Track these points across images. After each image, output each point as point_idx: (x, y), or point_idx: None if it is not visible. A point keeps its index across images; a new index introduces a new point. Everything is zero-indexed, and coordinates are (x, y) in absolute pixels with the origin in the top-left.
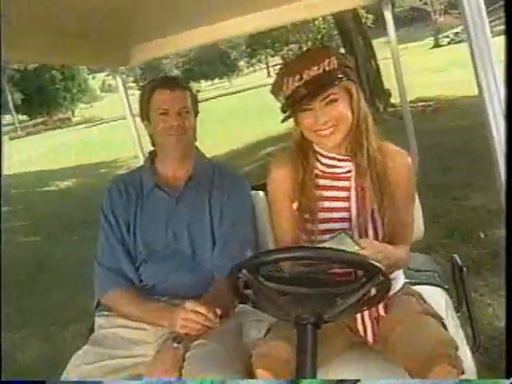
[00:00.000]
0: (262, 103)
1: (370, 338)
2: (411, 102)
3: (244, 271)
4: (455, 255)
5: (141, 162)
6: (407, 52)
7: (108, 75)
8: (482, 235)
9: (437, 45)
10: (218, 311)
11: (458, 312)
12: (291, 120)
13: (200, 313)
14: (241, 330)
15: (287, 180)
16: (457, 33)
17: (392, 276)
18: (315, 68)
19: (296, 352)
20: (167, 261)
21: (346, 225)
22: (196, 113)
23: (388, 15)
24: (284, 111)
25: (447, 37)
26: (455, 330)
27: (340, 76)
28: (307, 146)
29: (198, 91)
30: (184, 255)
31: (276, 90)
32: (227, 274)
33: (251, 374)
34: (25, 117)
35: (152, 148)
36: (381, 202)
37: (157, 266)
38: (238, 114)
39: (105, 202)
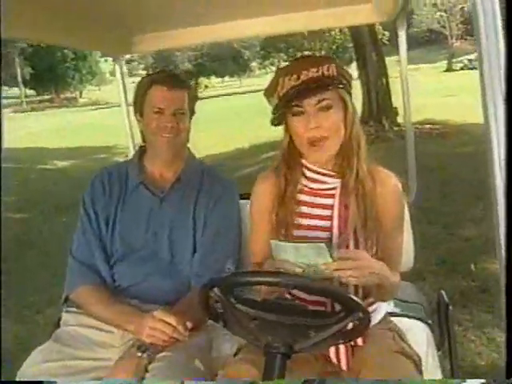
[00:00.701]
0: (269, 107)
1: (343, 366)
2: (418, 123)
3: (216, 290)
4: (442, 291)
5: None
6: (419, 73)
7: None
8: (473, 268)
9: (450, 69)
10: (189, 324)
11: (439, 350)
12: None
13: (169, 323)
14: (210, 346)
15: (269, 193)
16: (471, 59)
17: (373, 307)
18: (314, 70)
19: (262, 379)
20: (144, 263)
21: None
22: (192, 113)
23: (402, 34)
24: (275, 113)
25: (461, 62)
26: (434, 369)
27: (338, 82)
28: (294, 158)
29: (207, 87)
30: (162, 259)
31: (270, 90)
32: (199, 290)
33: None
34: (32, 92)
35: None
36: (364, 223)
37: (132, 267)
38: (245, 114)
39: (86, 194)
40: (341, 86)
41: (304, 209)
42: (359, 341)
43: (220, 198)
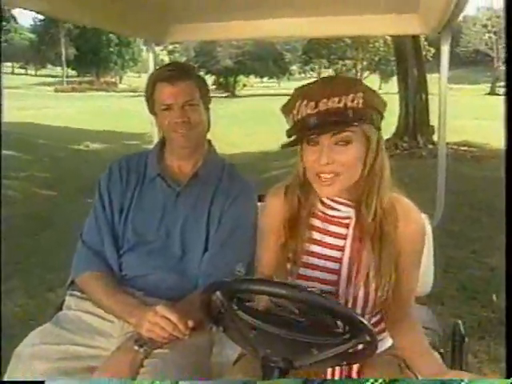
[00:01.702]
0: None
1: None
2: (455, 144)
3: (218, 294)
4: (459, 321)
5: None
6: (461, 93)
7: (162, 50)
8: (495, 298)
9: (492, 92)
10: (190, 323)
11: None
12: None
13: (170, 320)
14: (210, 349)
15: (281, 211)
16: None
17: (382, 335)
18: (336, 99)
19: None
20: (153, 255)
21: (334, 277)
22: (207, 102)
23: (445, 49)
24: (289, 136)
25: (505, 86)
26: None
27: (361, 117)
28: (309, 187)
29: (245, 85)
30: (172, 254)
31: (286, 110)
32: (201, 292)
33: None
34: (74, 72)
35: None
36: (378, 261)
37: (141, 259)
38: (280, 117)
39: (103, 179)
40: (364, 119)
41: (316, 235)
42: (354, 373)
43: (237, 198)
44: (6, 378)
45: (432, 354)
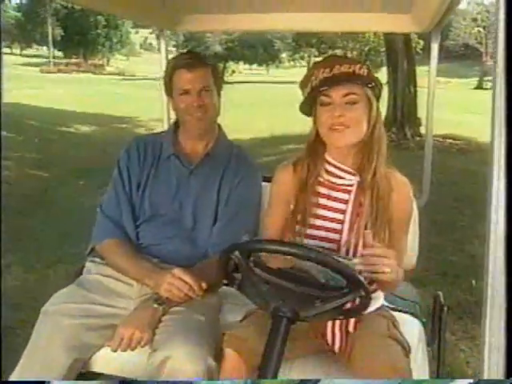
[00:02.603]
0: (295, 99)
1: (336, 348)
2: (441, 136)
3: (237, 253)
4: (439, 292)
5: (164, 126)
6: (449, 87)
7: (151, 33)
8: (474, 283)
9: (480, 86)
10: (204, 285)
11: (429, 347)
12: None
13: (186, 281)
14: (220, 308)
15: (290, 181)
16: None
17: (373, 295)
18: (347, 66)
19: (266, 341)
20: (167, 226)
21: (336, 236)
22: (219, 88)
23: (434, 47)
24: (306, 102)
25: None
26: (422, 361)
27: (367, 81)
28: (318, 152)
29: (234, 72)
30: (184, 225)
31: (305, 82)
32: (221, 253)
33: (220, 352)
34: (60, 54)
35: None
36: (375, 222)
37: (157, 229)
38: (269, 104)
39: (122, 157)
40: (369, 85)
41: (321, 200)
42: (351, 327)
43: (244, 177)
44: (33, 336)
45: None
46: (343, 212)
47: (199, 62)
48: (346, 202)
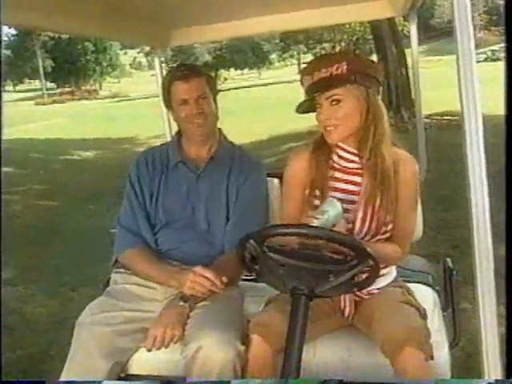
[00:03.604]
0: (290, 98)
1: (347, 312)
2: (438, 114)
3: (251, 241)
4: (447, 259)
5: (167, 138)
6: (442, 64)
7: (139, 53)
8: None
9: None
10: (224, 279)
11: (445, 312)
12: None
13: (207, 278)
14: (243, 300)
15: (303, 169)
16: (494, 50)
17: (384, 271)
18: (324, 70)
19: (289, 319)
20: (183, 230)
21: (349, 216)
22: (215, 95)
23: (413, 28)
24: (303, 104)
25: (484, 53)
26: (439, 325)
27: (345, 80)
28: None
29: (226, 79)
30: (199, 227)
31: (302, 84)
32: (236, 245)
33: (247, 339)
34: (53, 84)
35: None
36: (385, 201)
37: (173, 234)
38: (264, 106)
39: (132, 171)
40: (349, 81)
41: (335, 184)
42: (363, 295)
43: (249, 174)
44: (71, 347)
45: None
46: (356, 193)
47: (194, 73)
48: (358, 184)
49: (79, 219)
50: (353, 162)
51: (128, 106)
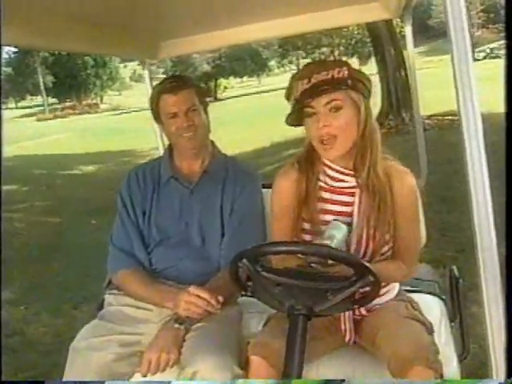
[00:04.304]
0: (289, 105)
1: (347, 336)
2: (439, 114)
3: (244, 260)
4: (454, 267)
5: (160, 153)
6: (442, 64)
7: (139, 65)
8: None
9: (472, 58)
10: (221, 298)
11: (452, 322)
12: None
13: (202, 298)
14: (241, 319)
15: (291, 190)
16: (493, 48)
17: (387, 288)
18: (324, 73)
19: (286, 341)
20: (178, 248)
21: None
22: (205, 106)
23: (408, 29)
24: (292, 115)
25: (483, 51)
26: (446, 337)
27: (347, 84)
28: (315, 157)
29: (226, 88)
30: (194, 244)
31: (288, 95)
32: (229, 263)
33: (247, 361)
34: (54, 100)
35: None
36: (378, 217)
37: (167, 252)
38: (265, 113)
39: (123, 188)
40: (351, 87)
41: (326, 206)
42: (364, 311)
43: (244, 187)
44: (66, 372)
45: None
46: (351, 215)
47: (182, 85)
48: (351, 204)
49: (82, 234)
50: (343, 181)
51: (129, 119)
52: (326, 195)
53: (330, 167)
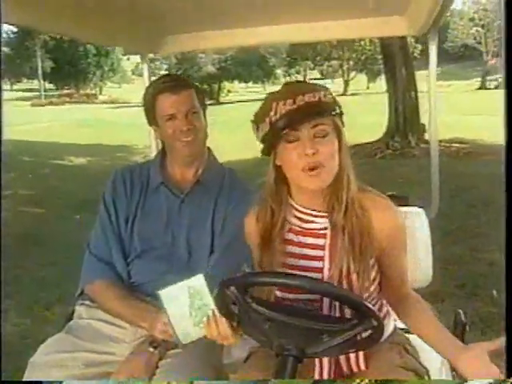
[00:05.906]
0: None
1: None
2: (446, 141)
3: (232, 288)
4: (460, 310)
5: (153, 153)
6: (452, 89)
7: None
8: (495, 293)
9: (483, 87)
10: None
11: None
12: None
13: None
14: (221, 348)
15: (256, 230)
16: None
17: (384, 321)
18: (311, 94)
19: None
20: (161, 261)
21: None
22: (205, 110)
23: (433, 48)
24: (266, 140)
25: (495, 80)
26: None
27: (335, 110)
28: (281, 195)
29: (230, 91)
30: (179, 258)
31: (260, 116)
32: (216, 288)
33: None
34: (51, 86)
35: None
36: (359, 261)
37: (149, 265)
38: None
39: (107, 190)
40: (336, 113)
41: (292, 249)
42: (362, 365)
43: (239, 203)
44: None
45: (447, 332)
46: (322, 259)
47: (182, 84)
48: (322, 247)
49: (65, 229)
50: (313, 222)
51: (127, 113)
52: (295, 237)
53: (297, 209)
